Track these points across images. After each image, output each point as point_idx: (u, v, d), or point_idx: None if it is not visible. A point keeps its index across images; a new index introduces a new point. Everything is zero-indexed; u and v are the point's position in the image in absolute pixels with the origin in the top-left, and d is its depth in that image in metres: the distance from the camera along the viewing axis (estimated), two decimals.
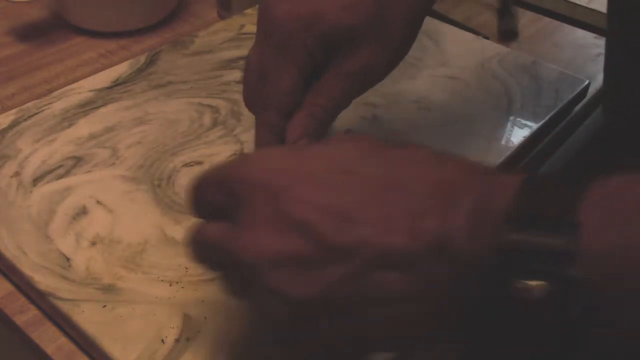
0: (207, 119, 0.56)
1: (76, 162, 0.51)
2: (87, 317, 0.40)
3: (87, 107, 0.57)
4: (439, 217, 0.29)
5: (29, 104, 0.57)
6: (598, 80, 0.65)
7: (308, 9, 0.41)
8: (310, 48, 0.41)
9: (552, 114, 0.59)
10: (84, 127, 0.55)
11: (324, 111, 0.42)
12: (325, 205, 0.30)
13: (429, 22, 0.69)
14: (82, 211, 0.47)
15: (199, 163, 0.52)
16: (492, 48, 0.66)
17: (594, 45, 0.71)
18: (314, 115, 0.42)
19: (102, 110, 0.57)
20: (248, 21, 0.69)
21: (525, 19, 0.76)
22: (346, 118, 0.43)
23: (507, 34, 0.73)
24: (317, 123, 0.42)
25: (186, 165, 0.51)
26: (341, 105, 0.43)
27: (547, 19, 0.76)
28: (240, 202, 0.32)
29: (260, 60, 0.42)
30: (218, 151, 0.53)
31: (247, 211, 0.31)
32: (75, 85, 0.59)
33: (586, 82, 0.62)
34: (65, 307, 0.41)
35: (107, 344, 0.39)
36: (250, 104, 0.44)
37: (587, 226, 0.27)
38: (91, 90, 0.59)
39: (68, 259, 0.44)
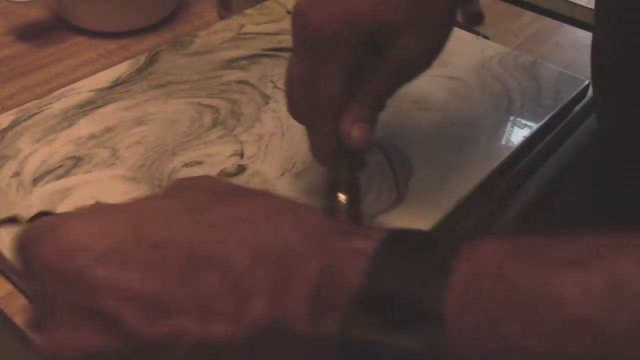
0: (207, 119, 0.56)
1: (76, 162, 0.51)
2: None
3: (87, 107, 0.57)
4: (270, 297, 0.25)
5: (29, 104, 0.57)
6: None
7: (344, 8, 0.40)
8: (354, 47, 0.40)
9: (552, 114, 0.59)
10: (84, 127, 0.55)
11: (374, 101, 0.42)
12: (129, 289, 0.25)
13: None
14: None
15: (199, 163, 0.52)
16: (492, 48, 0.66)
17: None
18: (364, 105, 0.41)
19: (102, 110, 0.57)
20: (248, 21, 0.69)
21: (526, 19, 0.76)
22: None
23: (474, 18, 0.73)
24: (368, 112, 0.41)
25: (186, 165, 0.51)
26: (389, 95, 0.43)
27: (547, 19, 0.76)
28: (39, 289, 0.28)
29: (302, 70, 0.42)
30: (218, 151, 0.53)
31: (45, 302, 0.27)
32: (75, 85, 0.59)
33: (586, 82, 0.62)
34: None
35: None
36: (298, 116, 0.44)
37: (451, 322, 0.23)
38: (91, 90, 0.59)
39: None
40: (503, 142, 0.55)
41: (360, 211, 0.42)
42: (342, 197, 0.41)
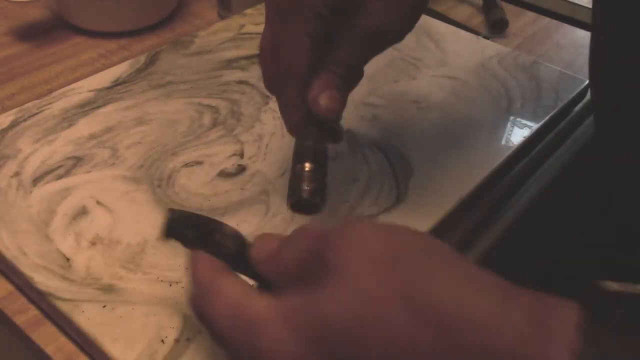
0: (207, 119, 0.56)
1: (76, 162, 0.51)
2: (87, 317, 0.40)
3: (87, 107, 0.57)
4: None
5: (29, 104, 0.57)
6: None
7: None
8: (320, 11, 0.39)
9: (552, 114, 0.59)
10: (84, 127, 0.55)
11: (345, 69, 0.40)
12: None
13: (429, 22, 0.70)
14: (82, 211, 0.47)
15: (199, 163, 0.52)
16: (492, 48, 0.66)
17: None
18: (334, 72, 0.40)
19: (102, 110, 0.57)
20: (248, 21, 0.69)
21: (526, 19, 0.76)
22: (346, 118, 0.43)
23: (499, 25, 0.73)
24: (339, 80, 0.40)
25: (186, 165, 0.51)
26: (362, 63, 0.42)
27: (547, 19, 0.76)
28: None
29: (270, 37, 0.41)
30: (218, 151, 0.53)
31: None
32: (75, 85, 0.59)
33: (586, 82, 0.62)
34: (65, 307, 0.41)
35: (107, 344, 0.39)
36: (269, 86, 0.43)
37: None
38: (91, 90, 0.59)
39: (68, 259, 0.44)
40: (503, 142, 0.55)
41: (324, 182, 0.41)
42: (307, 165, 0.40)
